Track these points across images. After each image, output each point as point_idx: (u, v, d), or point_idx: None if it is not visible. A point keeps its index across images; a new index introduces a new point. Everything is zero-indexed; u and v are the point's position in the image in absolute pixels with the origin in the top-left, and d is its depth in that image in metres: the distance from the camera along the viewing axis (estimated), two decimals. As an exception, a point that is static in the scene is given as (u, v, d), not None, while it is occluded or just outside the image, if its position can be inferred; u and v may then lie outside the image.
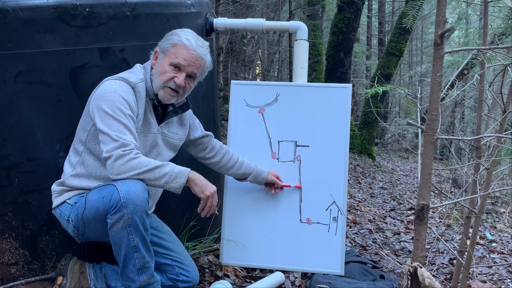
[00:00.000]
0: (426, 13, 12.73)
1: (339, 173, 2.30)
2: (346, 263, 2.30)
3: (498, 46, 2.17)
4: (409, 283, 1.59)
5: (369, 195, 5.60)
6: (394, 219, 4.29)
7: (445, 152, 10.71)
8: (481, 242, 3.40)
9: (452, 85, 2.30)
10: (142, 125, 1.84)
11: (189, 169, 1.78)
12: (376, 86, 2.18)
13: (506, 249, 3.26)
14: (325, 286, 2.10)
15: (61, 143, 1.93)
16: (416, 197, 1.57)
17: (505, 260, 2.98)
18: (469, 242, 1.88)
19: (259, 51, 8.42)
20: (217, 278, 2.19)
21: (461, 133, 5.32)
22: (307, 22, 7.29)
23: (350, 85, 2.41)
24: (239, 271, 2.29)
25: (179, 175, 1.73)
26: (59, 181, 1.86)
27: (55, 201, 1.84)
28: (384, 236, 3.52)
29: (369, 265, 2.41)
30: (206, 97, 2.45)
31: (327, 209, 2.30)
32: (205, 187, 1.78)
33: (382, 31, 13.49)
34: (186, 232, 2.31)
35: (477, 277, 2.56)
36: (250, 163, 2.23)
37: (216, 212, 1.86)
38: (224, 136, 3.56)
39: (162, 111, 1.94)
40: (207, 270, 2.20)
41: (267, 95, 2.41)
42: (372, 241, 3.26)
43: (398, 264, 2.64)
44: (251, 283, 2.18)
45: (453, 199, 3.26)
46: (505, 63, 1.86)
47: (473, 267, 2.51)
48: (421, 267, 1.53)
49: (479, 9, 9.76)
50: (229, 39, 6.36)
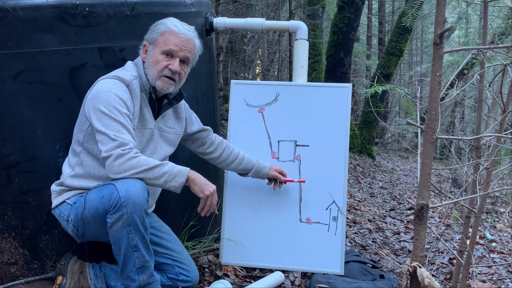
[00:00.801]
0: (426, 13, 12.70)
1: (339, 172, 2.30)
2: (345, 262, 2.30)
3: (498, 45, 2.17)
4: (409, 282, 1.59)
5: (369, 194, 5.60)
6: (394, 218, 4.29)
7: (445, 151, 10.71)
8: (481, 242, 3.40)
9: (452, 85, 2.30)
10: (138, 121, 1.84)
11: (189, 168, 1.78)
12: (376, 85, 2.18)
13: (505, 249, 3.25)
14: (325, 285, 2.10)
15: (61, 142, 1.93)
16: (415, 196, 1.57)
17: (505, 260, 2.98)
18: (468, 241, 1.89)
19: (259, 50, 8.41)
20: (217, 277, 2.19)
21: (461, 133, 5.32)
22: (307, 21, 7.28)
23: (350, 85, 2.41)
24: (239, 271, 2.29)
25: (179, 174, 1.73)
26: (58, 181, 1.86)
27: (55, 201, 1.84)
28: (383, 235, 3.52)
29: (368, 264, 2.42)
30: (206, 96, 2.45)
31: (327, 209, 2.30)
32: (204, 186, 1.78)
33: (382, 31, 13.47)
34: (186, 231, 2.31)
35: (476, 276, 2.56)
36: (251, 158, 2.23)
37: (216, 211, 1.86)
38: (224, 135, 3.55)
39: (158, 105, 1.94)
40: (207, 269, 2.20)
41: (267, 94, 2.41)
42: (371, 241, 3.26)
43: (397, 263, 2.64)
44: (251, 282, 2.18)
45: (453, 199, 3.26)
46: (505, 63, 1.86)
47: (473, 267, 2.51)
48: (420, 267, 1.53)
49: (479, 8, 9.74)
50: (229, 38, 6.35)
